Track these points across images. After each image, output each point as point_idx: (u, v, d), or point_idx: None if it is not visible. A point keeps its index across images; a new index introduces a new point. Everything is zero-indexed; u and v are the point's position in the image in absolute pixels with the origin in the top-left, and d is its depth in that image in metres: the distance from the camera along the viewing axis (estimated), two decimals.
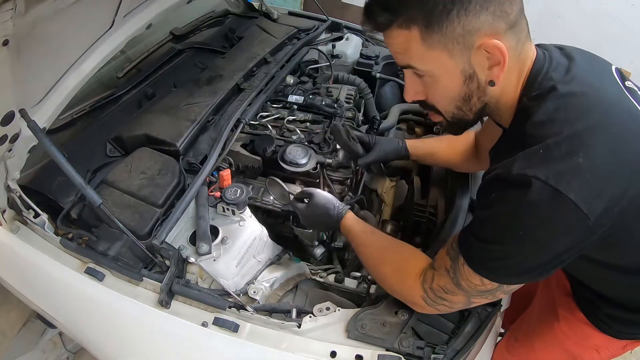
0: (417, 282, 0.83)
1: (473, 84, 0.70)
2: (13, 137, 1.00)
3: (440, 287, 0.78)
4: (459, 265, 0.73)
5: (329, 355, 0.89)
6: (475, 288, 0.73)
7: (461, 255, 0.73)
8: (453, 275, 0.75)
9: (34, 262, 1.08)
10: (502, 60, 0.66)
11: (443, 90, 0.73)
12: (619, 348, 1.00)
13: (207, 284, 1.02)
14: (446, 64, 0.68)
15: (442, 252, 0.80)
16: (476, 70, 0.68)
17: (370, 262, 0.96)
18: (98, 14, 1.20)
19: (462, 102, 0.73)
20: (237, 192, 1.10)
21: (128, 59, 1.66)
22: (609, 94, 0.67)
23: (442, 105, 0.76)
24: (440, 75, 0.70)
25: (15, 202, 1.10)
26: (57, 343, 1.82)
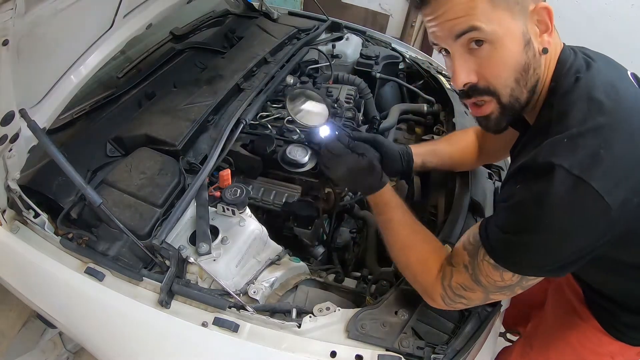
0: (437, 281, 0.81)
1: (531, 51, 0.69)
2: (13, 137, 0.99)
3: (458, 285, 0.77)
4: (478, 260, 0.72)
5: (329, 355, 0.89)
6: (495, 284, 0.72)
7: (482, 247, 0.71)
8: (472, 271, 0.74)
9: (34, 262, 1.08)
10: (549, 25, 0.67)
11: (504, 57, 0.68)
12: (633, 354, 1.00)
13: (207, 284, 1.02)
14: (509, 24, 0.66)
15: (458, 247, 0.79)
16: (531, 37, 0.68)
17: (398, 243, 0.91)
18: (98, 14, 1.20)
19: (521, 73, 0.70)
20: (237, 192, 1.10)
21: (128, 59, 1.66)
22: (628, 92, 0.67)
23: (502, 79, 0.70)
24: (504, 36, 0.67)
25: (15, 202, 1.10)
26: (57, 343, 1.82)
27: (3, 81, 0.87)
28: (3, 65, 0.84)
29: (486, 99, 0.73)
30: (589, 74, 0.69)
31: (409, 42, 3.37)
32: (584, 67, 0.70)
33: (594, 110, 0.63)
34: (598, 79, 0.68)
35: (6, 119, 0.93)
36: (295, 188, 1.33)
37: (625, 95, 0.66)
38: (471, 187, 1.21)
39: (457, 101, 1.61)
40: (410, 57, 1.94)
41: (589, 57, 0.73)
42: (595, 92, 0.65)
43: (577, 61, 0.71)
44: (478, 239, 0.73)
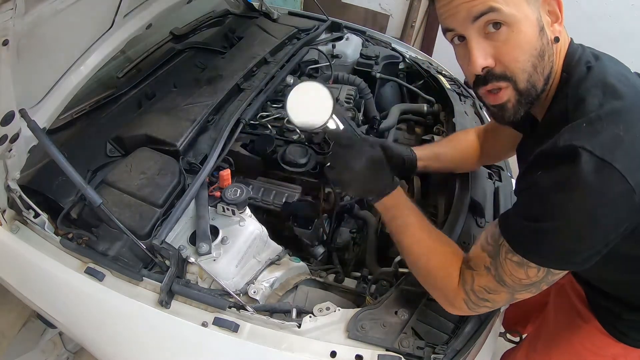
0: (460, 284, 0.78)
1: (545, 37, 0.69)
2: (13, 137, 1.00)
3: (482, 288, 0.74)
4: (501, 260, 0.70)
5: (329, 355, 0.89)
6: (520, 282, 0.70)
7: (504, 245, 0.69)
8: (495, 272, 0.72)
9: (34, 262, 1.08)
10: (559, 15, 0.69)
11: (522, 41, 0.68)
12: (636, 357, 0.99)
13: (207, 284, 1.02)
14: (525, 9, 0.67)
15: (476, 250, 0.76)
16: (544, 25, 0.69)
17: (418, 248, 0.85)
18: (98, 14, 1.20)
19: (537, 59, 0.69)
20: (237, 192, 1.10)
21: (128, 59, 1.65)
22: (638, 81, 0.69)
23: (520, 63, 0.69)
24: (521, 20, 0.66)
25: (15, 202, 1.10)
26: (57, 343, 1.82)
27: (3, 81, 0.87)
28: (3, 65, 0.84)
29: (503, 85, 0.71)
30: (600, 64, 0.70)
31: (409, 42, 3.37)
32: (593, 59, 0.71)
33: (610, 95, 0.63)
34: (609, 67, 0.69)
35: (6, 119, 0.93)
36: (295, 188, 1.33)
37: (637, 82, 0.68)
38: (471, 187, 1.21)
39: (457, 101, 1.61)
40: (410, 57, 1.94)
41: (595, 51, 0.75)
42: (609, 78, 0.66)
43: (585, 53, 0.73)
44: (497, 237, 0.71)
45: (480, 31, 0.68)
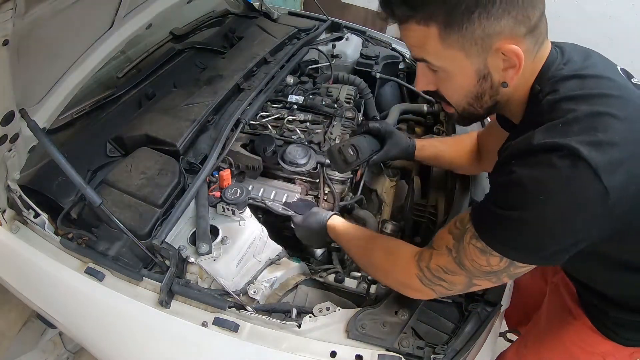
0: (412, 261, 0.81)
1: (487, 83, 0.70)
2: (13, 137, 1.00)
3: (439, 267, 0.76)
4: (464, 243, 0.71)
5: (329, 355, 0.89)
6: (480, 269, 0.70)
7: (470, 229, 0.70)
8: (456, 254, 0.73)
9: (34, 262, 1.08)
10: (518, 64, 0.66)
11: (455, 87, 0.73)
12: (625, 355, 0.99)
13: (207, 284, 1.02)
14: (461, 63, 0.68)
15: (442, 231, 0.78)
16: (491, 71, 0.69)
17: (360, 252, 0.97)
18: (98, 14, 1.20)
19: (474, 99, 0.74)
20: (237, 192, 1.10)
21: (128, 59, 1.65)
22: (621, 84, 0.68)
23: (454, 100, 0.76)
24: (454, 73, 0.70)
25: (15, 202, 1.10)
26: (57, 343, 1.82)
27: (3, 81, 0.87)
28: (3, 65, 0.84)
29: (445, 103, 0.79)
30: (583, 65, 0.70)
31: None
32: (576, 63, 0.70)
33: (588, 99, 0.63)
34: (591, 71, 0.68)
35: (6, 119, 0.93)
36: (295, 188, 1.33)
37: (619, 85, 0.67)
38: (471, 187, 1.21)
39: None
40: (410, 57, 1.94)
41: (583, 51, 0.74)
42: (586, 83, 0.66)
43: (565, 61, 0.71)
44: (465, 221, 0.72)
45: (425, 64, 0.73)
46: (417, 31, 0.67)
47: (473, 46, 0.65)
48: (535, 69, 0.71)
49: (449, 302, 1.00)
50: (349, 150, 1.06)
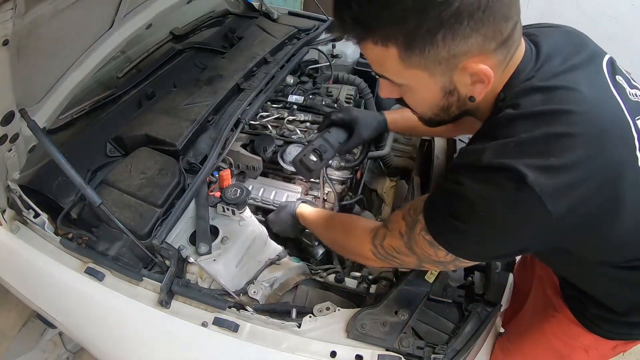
0: (367, 236, 0.84)
1: (453, 97, 0.68)
2: (13, 137, 1.00)
3: (392, 247, 0.78)
4: (415, 233, 0.72)
5: (329, 355, 0.89)
6: (429, 257, 0.73)
7: (422, 221, 0.71)
8: (407, 240, 0.74)
9: (34, 262, 1.08)
10: (487, 81, 0.63)
11: (419, 100, 0.72)
12: (608, 349, 0.98)
13: (207, 284, 1.02)
14: (425, 81, 0.65)
15: (397, 214, 0.79)
16: (457, 86, 0.66)
17: (324, 231, 1.04)
18: (98, 14, 1.20)
19: (440, 110, 0.72)
20: (237, 192, 1.10)
21: (128, 59, 1.66)
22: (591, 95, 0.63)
23: (419, 110, 0.75)
24: (417, 89, 0.68)
25: (15, 202, 1.10)
26: (57, 343, 1.82)
27: (3, 81, 0.87)
28: (3, 65, 0.84)
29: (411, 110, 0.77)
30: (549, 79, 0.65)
31: None
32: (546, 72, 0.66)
33: (548, 118, 0.60)
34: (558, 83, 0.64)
35: (6, 119, 0.93)
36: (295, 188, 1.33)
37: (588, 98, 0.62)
38: None
39: None
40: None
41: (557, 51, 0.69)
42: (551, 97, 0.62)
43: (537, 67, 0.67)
44: (418, 213, 0.72)
45: None
46: (375, 50, 0.63)
47: (437, 66, 0.62)
48: (505, 78, 0.68)
49: (449, 302, 1.00)
50: (310, 158, 1.06)
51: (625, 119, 0.63)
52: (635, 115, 0.65)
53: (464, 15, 0.56)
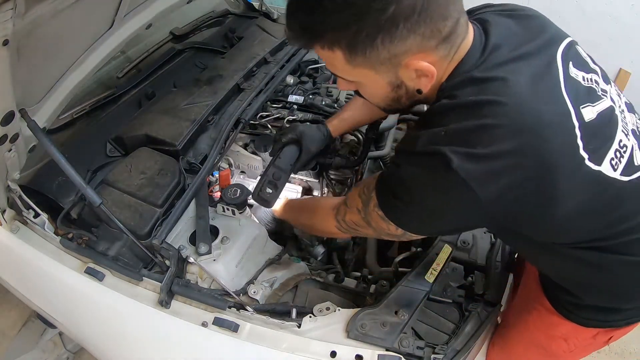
0: (331, 213, 0.91)
1: (401, 90, 0.73)
2: (13, 137, 1.00)
3: (352, 221, 0.85)
4: (370, 209, 0.78)
5: (329, 355, 0.89)
6: (383, 230, 0.79)
7: (375, 197, 0.76)
8: (364, 215, 0.80)
9: (34, 262, 1.08)
10: (430, 75, 0.67)
11: (372, 93, 0.77)
12: (588, 338, 0.94)
13: (207, 284, 1.02)
14: (373, 77, 0.70)
15: (354, 191, 0.85)
16: (404, 81, 0.70)
17: (294, 217, 1.12)
18: (98, 14, 1.20)
19: (392, 101, 0.77)
20: (237, 192, 1.10)
21: (128, 59, 1.66)
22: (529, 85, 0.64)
23: (373, 102, 0.80)
24: (368, 85, 0.74)
25: (15, 202, 1.10)
26: (57, 343, 1.82)
27: (3, 81, 0.87)
28: (3, 65, 0.84)
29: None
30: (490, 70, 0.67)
31: None
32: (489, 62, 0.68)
33: (479, 109, 0.63)
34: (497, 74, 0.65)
35: (6, 119, 0.93)
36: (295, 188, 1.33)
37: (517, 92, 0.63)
38: None
39: None
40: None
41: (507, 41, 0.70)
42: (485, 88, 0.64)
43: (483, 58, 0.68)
44: (371, 190, 0.77)
45: None
46: (324, 53, 0.68)
47: (381, 65, 0.66)
48: (451, 68, 0.70)
49: (449, 302, 1.00)
50: (266, 191, 1.10)
51: (566, 109, 0.64)
52: (581, 103, 0.66)
53: (400, 19, 0.60)
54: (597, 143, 0.66)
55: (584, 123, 0.65)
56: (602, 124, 0.68)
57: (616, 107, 0.73)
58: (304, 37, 0.68)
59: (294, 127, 1.20)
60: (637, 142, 0.74)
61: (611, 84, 0.77)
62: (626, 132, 0.72)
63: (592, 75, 0.73)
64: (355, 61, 0.66)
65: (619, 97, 0.78)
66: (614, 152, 0.68)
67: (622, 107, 0.76)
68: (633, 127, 0.76)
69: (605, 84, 0.75)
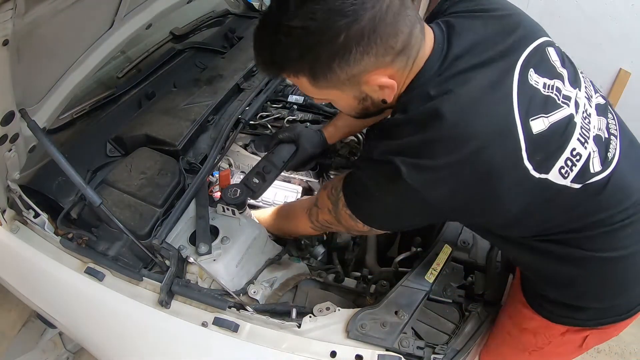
0: (305, 216, 0.99)
1: (367, 102, 0.78)
2: (13, 137, 1.00)
3: (325, 220, 0.93)
4: (339, 209, 0.85)
5: (329, 355, 0.89)
6: (352, 227, 0.87)
7: (342, 198, 0.83)
8: (334, 214, 0.88)
9: (34, 262, 1.08)
10: (390, 87, 0.71)
11: (342, 106, 0.84)
12: (556, 334, 0.93)
13: (207, 284, 1.02)
14: (339, 95, 0.76)
15: (323, 194, 0.92)
16: (369, 94, 0.75)
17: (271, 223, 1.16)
18: (98, 14, 1.20)
19: (361, 111, 0.83)
20: (237, 192, 1.10)
21: (128, 59, 1.65)
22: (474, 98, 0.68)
23: (345, 112, 0.87)
24: (336, 101, 0.80)
25: (15, 202, 1.10)
26: (57, 343, 1.82)
27: (3, 81, 0.87)
28: (3, 65, 0.84)
29: None
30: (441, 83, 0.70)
31: None
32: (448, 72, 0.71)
33: (423, 125, 0.68)
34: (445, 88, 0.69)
35: (6, 119, 0.93)
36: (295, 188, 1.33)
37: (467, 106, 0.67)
38: None
39: None
40: None
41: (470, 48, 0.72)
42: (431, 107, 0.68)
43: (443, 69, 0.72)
44: (339, 191, 0.85)
45: None
46: (291, 79, 0.75)
47: (343, 85, 0.72)
48: (409, 79, 0.75)
49: (449, 302, 1.00)
50: (253, 181, 1.13)
51: (511, 121, 0.67)
52: (532, 115, 0.68)
53: (352, 45, 0.65)
54: (545, 154, 0.69)
55: (530, 135, 0.67)
56: (554, 134, 0.69)
57: (578, 113, 0.73)
58: (270, 70, 0.75)
59: (293, 127, 1.22)
60: (597, 149, 0.74)
61: (580, 87, 0.77)
62: (584, 139, 0.72)
63: (555, 82, 0.74)
64: (319, 84, 0.72)
65: (587, 100, 0.78)
66: (564, 161, 0.70)
67: (589, 111, 0.76)
68: (597, 133, 0.76)
69: (572, 88, 0.75)
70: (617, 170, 0.75)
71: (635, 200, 0.77)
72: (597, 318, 0.89)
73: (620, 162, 0.76)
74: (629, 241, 0.78)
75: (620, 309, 0.87)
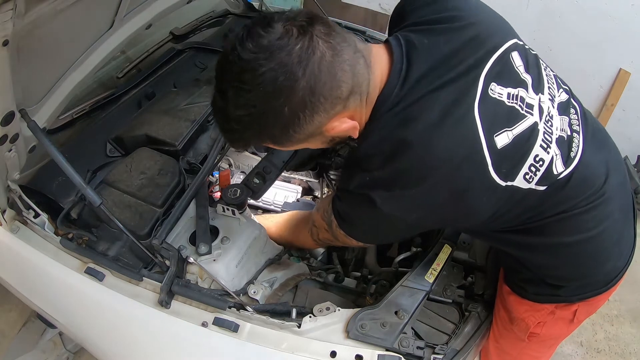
0: (308, 235, 1.04)
1: (335, 141, 0.80)
2: (13, 137, 1.00)
3: (325, 238, 0.98)
4: (334, 230, 0.90)
5: (329, 355, 0.89)
6: (349, 243, 0.93)
7: (334, 220, 0.87)
8: (331, 233, 0.92)
9: (34, 262, 1.08)
10: (351, 127, 0.73)
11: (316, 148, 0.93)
12: (545, 314, 0.94)
13: (207, 284, 1.02)
14: (308, 144, 0.79)
15: (317, 215, 0.98)
16: (334, 135, 0.76)
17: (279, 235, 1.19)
18: (98, 14, 1.20)
19: (334, 146, 0.87)
20: (237, 192, 1.10)
21: (128, 59, 1.65)
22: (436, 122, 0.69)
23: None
24: (309, 147, 0.82)
25: (15, 202, 1.10)
26: (57, 343, 1.82)
27: (3, 81, 0.87)
28: (3, 65, 0.84)
29: None
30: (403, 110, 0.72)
31: None
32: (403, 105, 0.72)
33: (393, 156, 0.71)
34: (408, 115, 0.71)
35: (6, 119, 0.93)
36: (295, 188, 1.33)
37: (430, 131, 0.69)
38: None
39: None
40: None
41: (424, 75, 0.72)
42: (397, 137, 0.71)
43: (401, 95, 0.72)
44: (330, 214, 0.89)
45: None
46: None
47: (307, 139, 0.75)
48: (368, 111, 0.76)
49: (449, 302, 1.00)
50: (253, 181, 1.14)
51: (476, 139, 0.69)
52: (496, 131, 0.70)
53: (298, 113, 0.67)
54: (510, 164, 0.72)
55: (495, 150, 0.70)
56: (518, 145, 0.72)
57: (542, 119, 0.75)
58: (237, 147, 0.82)
59: None
60: (560, 151, 0.77)
61: (543, 90, 0.78)
62: (547, 144, 0.75)
63: (518, 90, 0.74)
64: (285, 145, 0.77)
65: (551, 102, 0.79)
66: (528, 168, 0.73)
67: (551, 113, 0.78)
68: (560, 134, 0.78)
69: (534, 93, 0.76)
70: (580, 164, 0.78)
71: (597, 186, 0.81)
72: (578, 293, 0.92)
73: (584, 155, 0.80)
74: (592, 223, 0.82)
75: (599, 283, 0.92)
